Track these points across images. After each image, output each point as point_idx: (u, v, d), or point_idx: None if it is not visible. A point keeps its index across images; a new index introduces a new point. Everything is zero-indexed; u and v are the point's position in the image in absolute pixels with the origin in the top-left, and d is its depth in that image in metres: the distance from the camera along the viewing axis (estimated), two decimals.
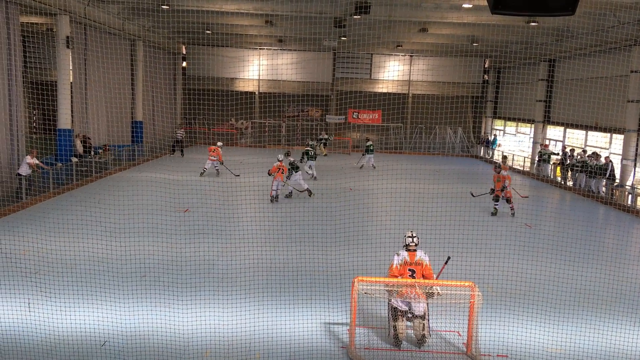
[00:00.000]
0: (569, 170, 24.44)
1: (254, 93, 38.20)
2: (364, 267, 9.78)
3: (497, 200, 17.37)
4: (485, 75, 38.58)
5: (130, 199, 15.46)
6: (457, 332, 8.35)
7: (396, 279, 7.71)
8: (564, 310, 9.44)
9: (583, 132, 26.43)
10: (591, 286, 10.13)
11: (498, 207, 17.43)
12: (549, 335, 8.44)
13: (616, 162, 22.20)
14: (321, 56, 36.99)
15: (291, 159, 19.26)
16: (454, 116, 37.74)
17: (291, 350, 7.62)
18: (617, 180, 21.82)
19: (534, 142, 30.75)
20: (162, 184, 17.66)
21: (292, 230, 13.40)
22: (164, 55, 33.42)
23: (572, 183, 24.29)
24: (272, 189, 18.30)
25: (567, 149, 25.94)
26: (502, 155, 30.32)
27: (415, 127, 38.16)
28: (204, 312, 8.60)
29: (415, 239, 7.90)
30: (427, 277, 7.88)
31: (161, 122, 32.82)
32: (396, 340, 7.81)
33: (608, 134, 24.30)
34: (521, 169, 30.14)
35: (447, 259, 8.24)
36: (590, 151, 23.70)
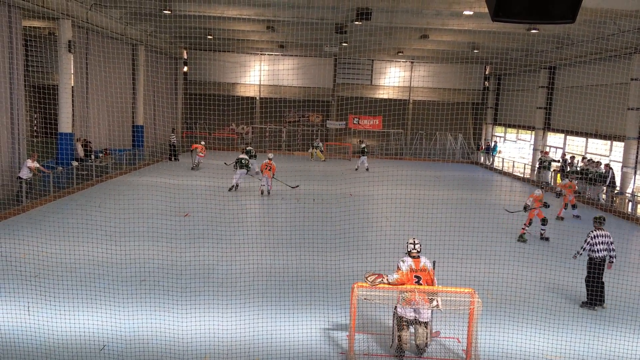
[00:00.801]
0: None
1: (254, 98, 38.26)
2: (363, 273, 9.75)
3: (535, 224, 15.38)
4: (486, 82, 38.64)
5: (130, 203, 15.47)
6: (457, 338, 8.35)
7: (402, 286, 7.67)
8: (563, 317, 9.43)
9: (583, 139, 26.45)
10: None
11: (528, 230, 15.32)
12: (548, 342, 8.43)
13: (616, 169, 22.22)
14: (322, 62, 37.09)
15: (242, 156, 21.37)
16: (455, 122, 37.83)
17: (290, 356, 7.61)
18: (617, 188, 21.84)
19: (534, 149, 30.78)
20: (163, 188, 17.69)
21: (292, 235, 13.40)
22: (165, 60, 33.50)
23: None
24: (262, 184, 20.51)
25: (567, 156, 25.95)
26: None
27: (416, 133, 38.21)
28: (203, 317, 8.59)
29: (417, 245, 7.88)
30: (430, 284, 7.87)
31: (162, 127, 32.86)
32: (399, 351, 7.75)
33: (608, 142, 24.32)
34: (522, 175, 30.15)
35: (432, 263, 8.21)
36: (589, 158, 23.72)
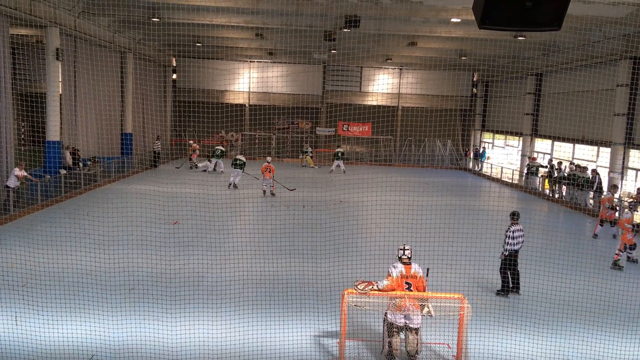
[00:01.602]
0: (557, 183, 24.65)
1: (244, 105, 38.26)
2: (354, 279, 9.76)
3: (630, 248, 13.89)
4: (474, 89, 38.93)
5: (119, 211, 15.39)
6: (447, 344, 8.37)
7: (392, 292, 7.67)
8: (553, 322, 9.49)
9: (570, 145, 26.69)
10: (579, 298, 10.20)
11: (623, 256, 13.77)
12: (538, 347, 8.48)
13: (603, 175, 22.42)
14: (311, 69, 37.19)
15: (242, 159, 22.98)
16: (443, 129, 38.04)
17: None
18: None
19: (522, 155, 31.01)
20: (151, 196, 17.60)
21: (281, 242, 13.39)
22: (154, 68, 33.43)
23: (558, 195, 24.49)
24: (263, 185, 21.61)
25: (555, 162, 26.17)
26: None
27: (405, 140, 38.38)
28: (192, 325, 8.55)
29: (407, 251, 7.89)
30: (421, 290, 7.88)
31: (151, 135, 32.76)
32: (390, 357, 7.72)
33: (595, 147, 24.56)
34: (510, 181, 30.36)
35: (426, 270, 8.25)
36: (576, 164, 23.92)
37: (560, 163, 25.54)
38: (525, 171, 28.65)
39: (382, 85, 37.86)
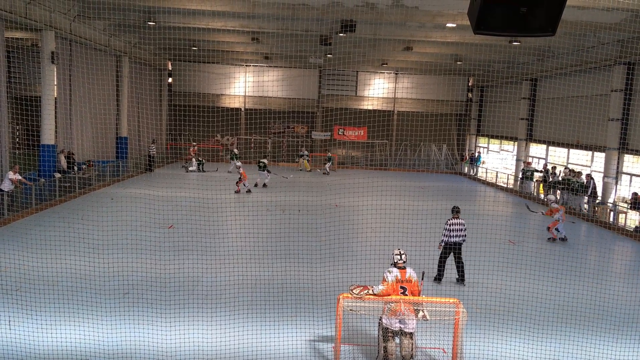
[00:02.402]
0: (552, 188, 24.72)
1: (240, 109, 38.26)
2: (349, 284, 9.75)
3: None
4: (469, 94, 39.04)
5: (113, 215, 15.34)
6: (442, 349, 8.36)
7: (388, 297, 7.65)
8: (547, 326, 9.50)
9: (565, 149, 26.79)
10: (574, 303, 10.22)
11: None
12: (533, 351, 8.48)
13: (598, 179, 22.51)
14: (307, 73, 37.24)
15: (264, 162, 25.13)
16: (439, 133, 38.12)
17: None
18: (599, 198, 22.11)
19: (517, 160, 31.10)
20: (146, 200, 17.56)
21: (277, 246, 13.37)
22: (149, 71, 33.40)
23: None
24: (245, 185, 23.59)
25: (549, 166, 26.25)
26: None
27: (401, 144, 38.45)
28: (187, 330, 8.52)
29: (403, 255, 7.88)
30: (416, 295, 7.87)
31: (146, 138, 32.72)
32: None
33: (590, 152, 24.66)
34: (505, 186, 30.42)
35: (421, 274, 8.25)
36: (571, 168, 24.02)
37: (554, 168, 25.61)
38: (520, 176, 28.72)
39: (378, 90, 37.94)
